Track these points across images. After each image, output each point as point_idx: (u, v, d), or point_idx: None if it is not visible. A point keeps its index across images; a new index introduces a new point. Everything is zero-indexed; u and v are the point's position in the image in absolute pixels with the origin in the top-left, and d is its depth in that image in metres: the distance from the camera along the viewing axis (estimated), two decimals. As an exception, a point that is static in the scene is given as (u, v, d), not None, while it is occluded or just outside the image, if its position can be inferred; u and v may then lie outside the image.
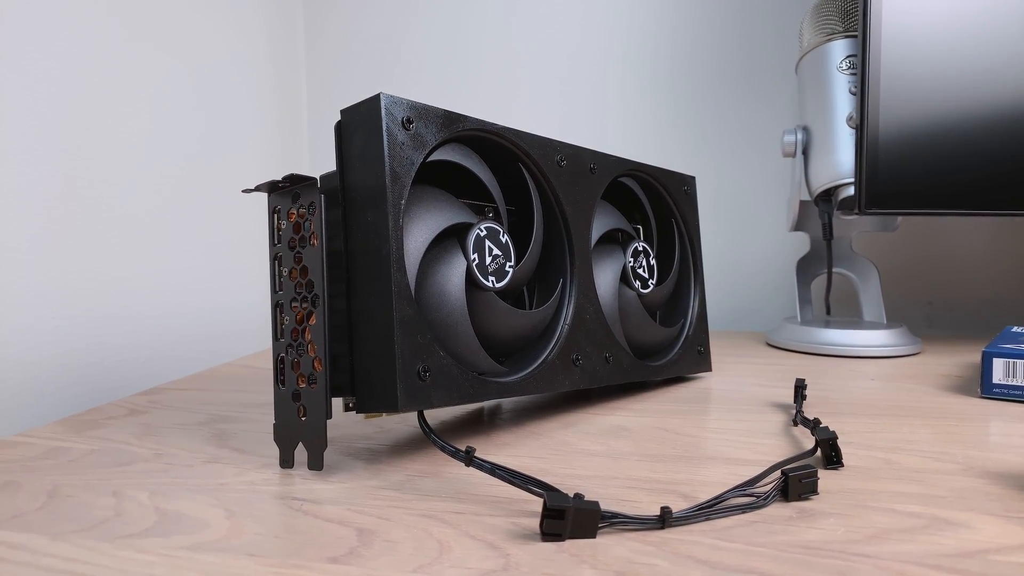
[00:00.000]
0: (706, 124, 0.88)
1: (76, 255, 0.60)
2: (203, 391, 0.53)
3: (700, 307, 0.55)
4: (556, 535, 0.27)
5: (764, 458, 0.37)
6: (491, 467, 0.30)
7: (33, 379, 0.56)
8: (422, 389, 0.33)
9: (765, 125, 0.86)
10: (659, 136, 0.89)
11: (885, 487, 0.32)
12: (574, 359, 0.42)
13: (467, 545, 0.27)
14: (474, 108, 0.94)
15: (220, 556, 0.26)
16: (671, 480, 0.33)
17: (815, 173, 0.67)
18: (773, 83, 0.85)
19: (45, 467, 0.36)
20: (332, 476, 0.34)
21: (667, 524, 0.28)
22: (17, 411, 0.55)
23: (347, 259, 0.35)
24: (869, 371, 0.59)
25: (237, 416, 0.46)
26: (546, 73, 0.92)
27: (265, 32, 0.90)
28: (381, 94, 0.34)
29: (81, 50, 0.61)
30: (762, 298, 0.88)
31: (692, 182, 0.55)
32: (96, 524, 0.29)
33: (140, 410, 0.47)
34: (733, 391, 0.52)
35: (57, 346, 0.58)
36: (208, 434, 0.42)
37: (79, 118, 0.61)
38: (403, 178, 0.34)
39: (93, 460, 0.37)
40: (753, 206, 0.87)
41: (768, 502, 0.30)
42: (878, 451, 0.38)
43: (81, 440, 0.41)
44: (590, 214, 0.45)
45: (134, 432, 0.42)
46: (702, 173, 0.88)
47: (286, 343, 0.36)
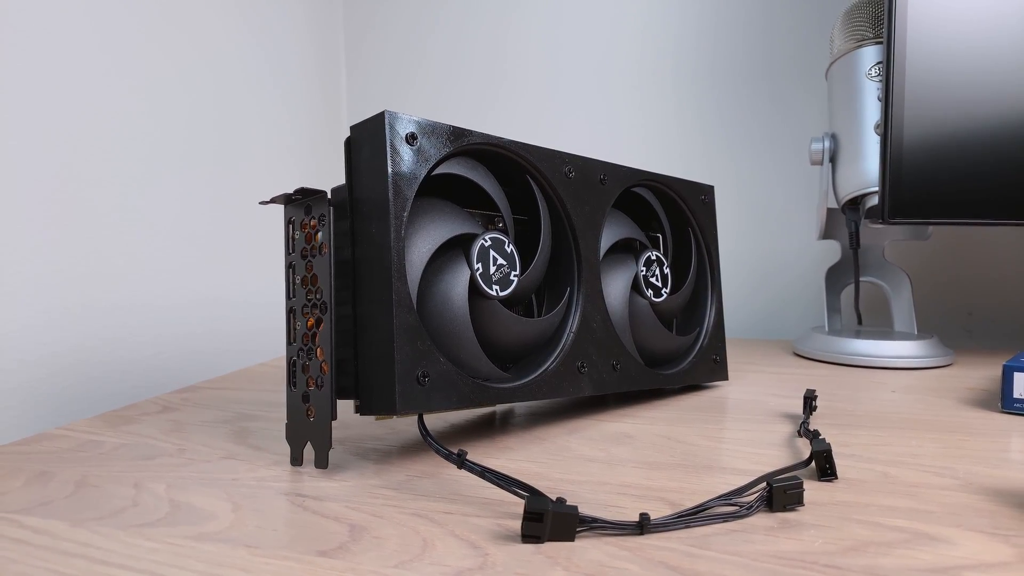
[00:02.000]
0: (735, 130, 0.87)
1: (134, 260, 0.64)
2: (234, 390, 0.56)
3: (717, 316, 0.55)
4: (535, 537, 0.28)
5: (761, 468, 0.37)
6: (481, 470, 0.31)
7: (82, 374, 0.60)
8: (421, 393, 0.35)
9: (797, 131, 0.85)
10: (686, 143, 0.89)
11: (875, 500, 0.32)
12: (579, 366, 0.43)
13: (450, 544, 0.28)
14: (502, 119, 0.96)
15: (219, 546, 0.28)
16: (662, 488, 0.34)
17: (842, 181, 0.66)
18: (804, 89, 0.84)
19: (78, 459, 0.39)
20: (337, 474, 0.36)
21: (645, 530, 0.29)
22: (69, 403, 0.58)
23: (354, 268, 0.36)
24: (893, 383, 0.58)
25: (260, 415, 0.48)
26: (576, 85, 0.93)
27: (308, 45, 0.93)
28: (386, 112, 0.35)
29: (118, 54, 0.65)
30: (791, 306, 0.87)
31: (710, 192, 0.56)
32: (114, 513, 0.31)
33: (172, 407, 0.50)
34: (746, 401, 0.52)
35: (109, 343, 0.62)
36: (230, 431, 0.44)
37: (140, 122, 0.65)
38: (406, 191, 0.35)
39: (121, 453, 0.40)
40: (784, 213, 0.87)
41: (751, 512, 0.31)
42: (878, 464, 0.37)
43: (114, 434, 0.44)
44: (599, 224, 0.46)
45: (162, 428, 0.45)
46: (731, 180, 0.88)
47: (297, 347, 0.38)
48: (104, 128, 0.63)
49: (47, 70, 0.58)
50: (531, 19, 0.94)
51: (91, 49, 0.62)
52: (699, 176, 0.88)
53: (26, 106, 0.56)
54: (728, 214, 0.88)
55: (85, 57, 0.61)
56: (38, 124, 0.57)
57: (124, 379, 0.63)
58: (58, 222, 0.59)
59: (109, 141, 0.63)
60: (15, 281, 0.55)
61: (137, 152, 0.66)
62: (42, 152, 0.57)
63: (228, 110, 0.78)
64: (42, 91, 0.58)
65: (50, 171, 0.58)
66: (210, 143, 0.75)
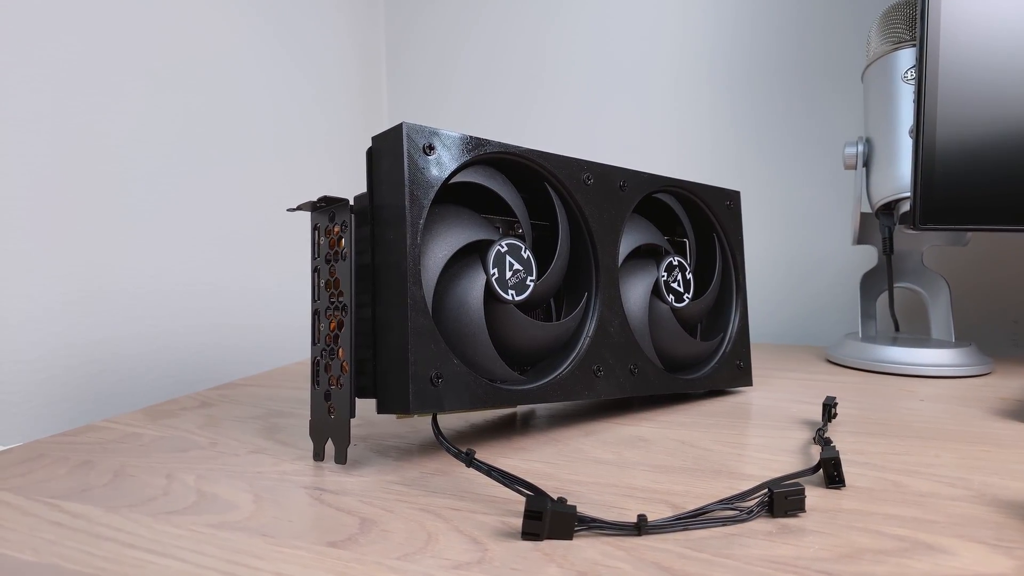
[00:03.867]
0: (769, 133, 0.87)
1: (178, 260, 0.67)
2: (269, 387, 0.58)
3: (741, 321, 0.55)
4: (534, 535, 0.29)
5: (772, 475, 0.37)
6: (488, 468, 0.33)
7: (132, 369, 0.63)
8: (434, 394, 0.36)
9: (832, 134, 0.84)
10: (719, 147, 0.89)
11: (880, 509, 0.32)
12: (595, 370, 0.44)
13: (452, 538, 0.29)
14: (540, 127, 0.97)
15: (237, 534, 0.30)
16: (667, 491, 0.35)
17: (876, 186, 0.65)
18: (839, 92, 0.83)
19: (119, 450, 0.42)
20: (356, 469, 0.38)
21: (643, 531, 0.30)
22: (116, 397, 0.62)
23: (374, 272, 0.38)
24: (924, 391, 0.57)
25: (291, 412, 0.50)
26: (610, 93, 0.93)
27: (349, 51, 0.96)
28: (404, 123, 0.37)
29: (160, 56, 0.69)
30: (826, 312, 0.86)
31: (736, 197, 0.56)
32: (146, 501, 0.34)
33: (210, 403, 0.53)
34: (768, 407, 0.52)
35: (155, 342, 0.65)
36: (261, 427, 0.46)
37: (195, 122, 0.68)
38: (422, 200, 0.37)
39: (158, 445, 0.42)
40: (818, 218, 0.86)
41: (752, 517, 0.31)
42: (890, 473, 0.37)
43: (154, 427, 0.46)
44: (618, 230, 0.46)
45: (198, 423, 0.47)
46: (764, 184, 0.87)
47: (321, 347, 0.40)
48: (160, 127, 0.66)
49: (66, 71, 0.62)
50: (568, 25, 0.95)
51: (130, 48, 0.65)
52: (732, 179, 0.87)
53: (65, 103, 0.60)
54: (761, 218, 0.87)
55: (123, 56, 0.65)
56: (85, 122, 0.61)
57: (167, 375, 0.67)
58: (107, 220, 0.62)
59: (165, 138, 0.67)
60: (70, 291, 0.59)
61: (188, 151, 0.70)
62: (94, 147, 0.61)
63: (275, 117, 0.81)
64: (85, 97, 0.61)
65: (105, 165, 0.62)
66: (260, 144, 0.79)
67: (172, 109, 0.69)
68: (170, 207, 0.68)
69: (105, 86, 0.62)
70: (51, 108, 0.58)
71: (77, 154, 0.60)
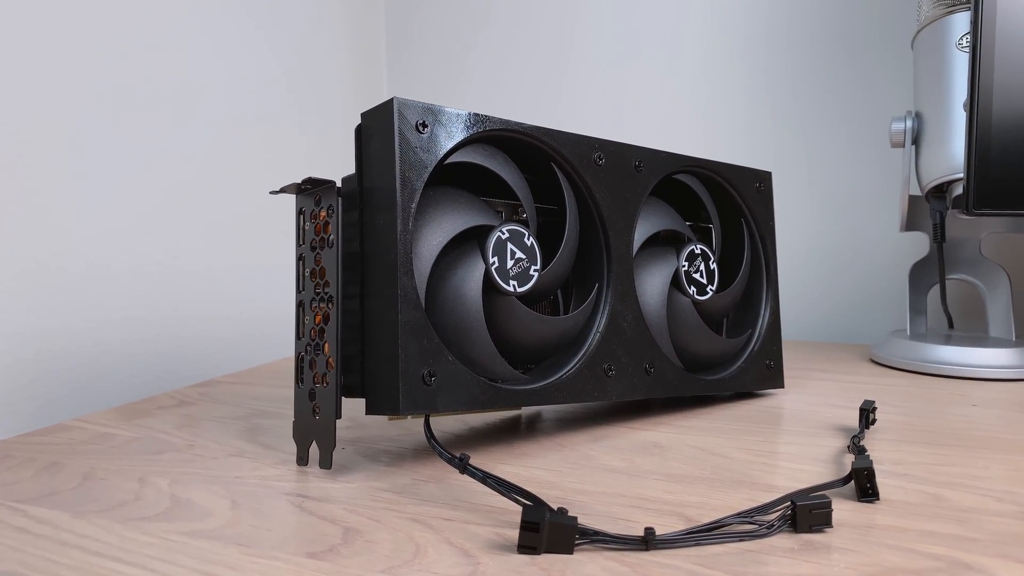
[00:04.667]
0: (809, 107, 0.86)
1: (152, 253, 0.68)
2: (253, 385, 0.59)
3: (772, 316, 0.55)
4: (531, 548, 0.30)
5: (797, 486, 0.37)
6: (483, 475, 0.33)
7: (105, 364, 0.64)
8: (426, 393, 0.36)
9: (878, 108, 0.83)
10: (753, 122, 0.88)
11: (917, 525, 0.32)
12: (606, 369, 0.44)
13: (442, 551, 0.30)
14: (559, 104, 0.96)
15: (211, 543, 0.30)
16: (682, 502, 0.35)
17: (926, 166, 0.65)
18: (887, 61, 0.82)
19: (89, 451, 0.43)
20: (342, 475, 0.38)
21: (650, 546, 0.30)
22: (89, 394, 0.63)
23: (362, 261, 0.38)
24: (977, 395, 0.57)
25: (276, 412, 0.51)
26: (639, 61, 0.93)
27: (345, 15, 0.96)
28: (395, 98, 0.37)
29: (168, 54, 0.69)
30: (871, 307, 0.86)
31: (767, 178, 0.55)
32: (116, 506, 0.34)
33: (189, 401, 0.54)
34: (801, 411, 0.52)
35: (131, 334, 0.66)
36: (242, 428, 0.47)
37: (178, 114, 0.69)
38: (414, 182, 0.37)
39: (132, 447, 0.43)
40: (863, 201, 0.85)
41: (772, 532, 0.31)
42: (931, 486, 0.37)
43: (127, 428, 0.47)
44: (633, 215, 0.46)
45: (176, 423, 0.48)
46: (803, 164, 0.86)
47: (305, 342, 0.40)
48: (122, 100, 0.67)
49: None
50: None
51: (124, 32, 0.66)
52: (767, 159, 0.87)
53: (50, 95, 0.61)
54: (797, 201, 0.87)
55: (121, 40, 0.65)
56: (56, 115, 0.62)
57: (145, 371, 0.68)
58: (80, 211, 0.63)
59: (136, 113, 0.68)
60: (37, 273, 0.60)
61: (162, 127, 0.70)
62: (57, 144, 0.62)
63: (258, 88, 0.82)
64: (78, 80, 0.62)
65: (74, 162, 0.63)
66: (243, 120, 0.79)
67: (137, 79, 0.69)
68: (144, 188, 0.69)
69: (58, 55, 0.63)
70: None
71: (31, 133, 0.61)
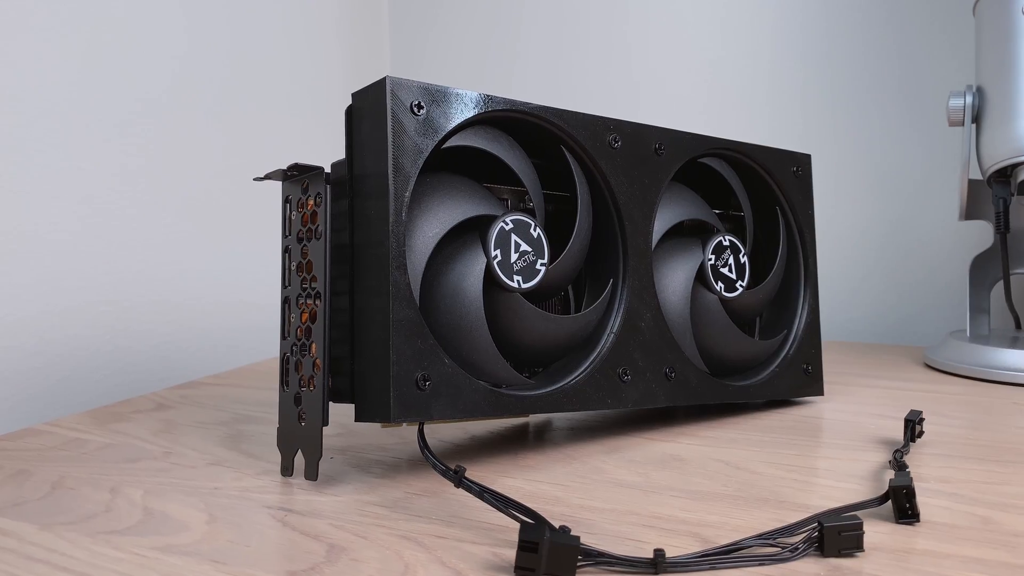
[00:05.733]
0: (856, 81, 0.86)
1: (130, 240, 0.70)
2: (238, 387, 0.61)
3: (811, 316, 0.55)
4: (530, 570, 0.30)
5: (831, 505, 0.38)
6: (479, 489, 0.34)
7: (79, 364, 0.66)
8: (420, 399, 0.37)
9: (935, 82, 0.83)
10: (790, 98, 0.88)
11: (961, 551, 0.33)
12: (621, 374, 0.45)
13: (433, 571, 0.30)
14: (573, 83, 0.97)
15: (185, 559, 0.31)
16: (700, 522, 0.36)
17: (988, 147, 0.65)
18: (945, 29, 0.82)
19: (59, 458, 0.44)
20: (329, 487, 0.39)
21: (660, 569, 0.30)
22: (64, 396, 0.65)
23: (352, 254, 0.39)
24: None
25: (261, 417, 0.52)
26: (652, 39, 0.93)
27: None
28: (388, 77, 0.38)
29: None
30: (926, 305, 0.86)
31: (806, 162, 0.56)
32: (85, 518, 0.36)
33: (168, 405, 0.55)
34: (841, 422, 0.52)
35: (107, 332, 0.68)
36: (223, 435, 0.48)
37: (157, 95, 0.71)
38: (408, 168, 0.38)
39: (105, 454, 0.45)
40: (917, 186, 0.85)
41: (797, 556, 0.32)
42: (982, 507, 0.38)
43: (101, 433, 0.49)
44: (653, 203, 0.47)
45: (153, 428, 0.50)
46: (849, 145, 0.86)
47: (291, 342, 0.41)
48: (101, 95, 0.69)
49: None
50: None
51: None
52: (807, 140, 0.87)
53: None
54: (842, 187, 0.87)
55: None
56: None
57: (123, 372, 0.70)
58: (52, 200, 0.65)
59: (107, 111, 0.69)
60: (10, 272, 0.62)
61: (142, 125, 0.72)
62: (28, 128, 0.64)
63: (246, 62, 0.83)
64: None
65: (54, 162, 0.64)
66: (230, 99, 0.81)
67: (114, 53, 0.71)
68: (120, 175, 0.70)
69: (32, 27, 0.64)
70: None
71: (17, 108, 0.62)
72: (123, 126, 0.70)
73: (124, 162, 0.70)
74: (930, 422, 0.51)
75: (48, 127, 0.64)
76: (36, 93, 0.63)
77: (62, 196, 0.65)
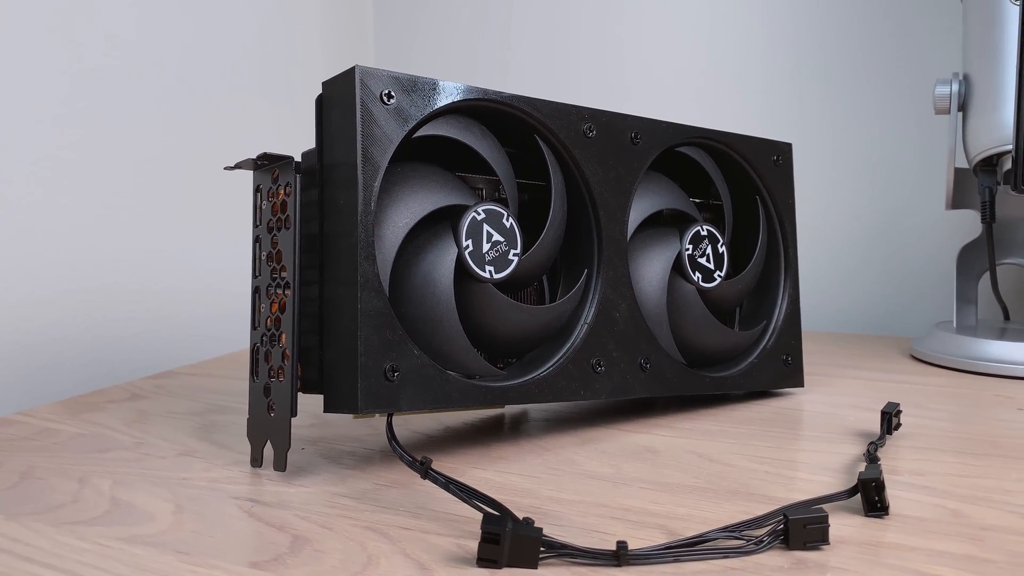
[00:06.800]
0: (843, 69, 0.86)
1: (103, 225, 0.70)
2: (214, 377, 0.61)
3: (791, 307, 0.56)
4: (492, 561, 0.31)
5: (801, 498, 0.38)
6: (445, 481, 0.34)
7: (54, 353, 0.66)
8: (388, 390, 0.38)
9: (923, 70, 0.83)
10: (775, 84, 0.88)
11: (929, 544, 0.33)
12: (594, 365, 0.45)
13: (396, 563, 0.31)
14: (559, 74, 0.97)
15: (149, 550, 0.32)
16: (668, 514, 0.36)
17: (974, 135, 0.65)
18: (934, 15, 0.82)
19: (30, 448, 0.44)
20: (298, 478, 0.40)
21: (623, 561, 0.31)
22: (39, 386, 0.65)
23: (322, 244, 0.40)
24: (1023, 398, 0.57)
25: (235, 407, 0.53)
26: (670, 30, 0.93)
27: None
28: (357, 66, 0.38)
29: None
30: (912, 295, 0.86)
31: (787, 151, 0.56)
32: (52, 508, 0.36)
33: (142, 395, 0.56)
34: (821, 414, 0.53)
35: (82, 321, 0.68)
36: (196, 425, 0.49)
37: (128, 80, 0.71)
38: (377, 158, 0.38)
39: (76, 445, 0.45)
40: (903, 175, 0.85)
41: (761, 548, 0.32)
42: (953, 500, 0.38)
43: (73, 423, 0.49)
44: (628, 192, 0.47)
45: (125, 418, 0.50)
46: (834, 132, 0.87)
47: (261, 332, 0.42)
48: (69, 81, 0.69)
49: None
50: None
51: None
52: (792, 128, 0.87)
53: None
54: (826, 175, 0.87)
55: None
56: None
57: (97, 361, 0.70)
58: (21, 187, 0.65)
59: (78, 97, 0.69)
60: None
61: (115, 111, 0.72)
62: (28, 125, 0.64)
63: (226, 47, 0.83)
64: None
65: (29, 150, 0.64)
66: (197, 95, 0.81)
67: (84, 37, 0.71)
68: (91, 162, 0.71)
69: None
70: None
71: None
72: (99, 113, 0.70)
73: (101, 150, 0.70)
74: (911, 414, 0.52)
75: (20, 113, 0.64)
76: (8, 82, 0.63)
77: (37, 184, 0.65)
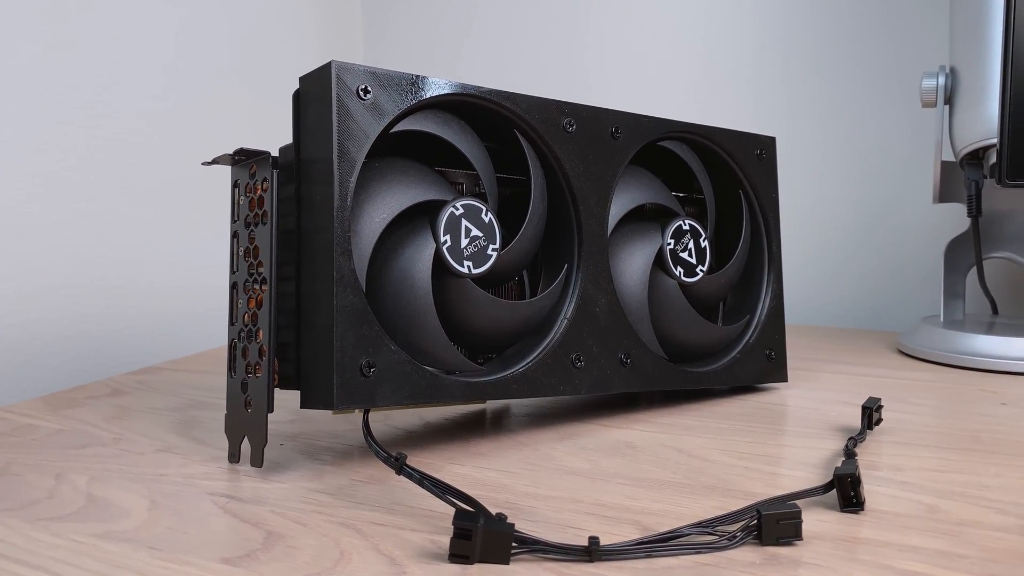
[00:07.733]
0: (831, 62, 0.86)
1: (85, 221, 0.70)
2: (196, 373, 0.61)
3: (774, 301, 0.56)
4: (464, 557, 0.31)
5: (778, 493, 0.38)
6: (419, 477, 0.35)
7: (35, 349, 0.67)
8: (365, 385, 0.38)
9: (911, 62, 0.83)
10: (763, 78, 0.89)
11: (903, 539, 0.34)
12: (574, 360, 0.46)
13: (368, 559, 0.31)
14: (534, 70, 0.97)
15: (122, 546, 0.32)
16: (642, 509, 0.36)
17: (960, 128, 0.65)
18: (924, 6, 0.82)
19: (7, 444, 0.45)
20: (276, 474, 0.40)
21: (595, 557, 0.31)
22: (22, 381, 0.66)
23: (299, 240, 0.40)
24: (1011, 392, 0.58)
25: (216, 403, 0.53)
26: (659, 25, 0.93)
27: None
28: (333, 62, 0.38)
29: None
30: (899, 289, 0.86)
31: (770, 145, 0.56)
32: (27, 505, 0.36)
33: (123, 390, 0.56)
34: (803, 409, 0.53)
35: (63, 316, 0.68)
36: (176, 421, 0.49)
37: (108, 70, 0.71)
38: (353, 153, 0.38)
39: (54, 441, 0.45)
40: (890, 168, 0.86)
41: (734, 544, 0.33)
42: (928, 495, 0.38)
43: (53, 419, 0.49)
44: (608, 187, 0.48)
45: (105, 414, 0.50)
46: (822, 126, 0.87)
47: (239, 328, 0.42)
48: (47, 69, 0.69)
49: None
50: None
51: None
52: (780, 121, 0.87)
53: None
54: (812, 169, 0.88)
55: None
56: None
57: (79, 357, 0.70)
58: (11, 193, 0.65)
59: (56, 87, 0.69)
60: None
61: (95, 102, 0.72)
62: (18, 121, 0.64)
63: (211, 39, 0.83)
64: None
65: (13, 144, 0.64)
66: (179, 90, 0.81)
67: (57, 25, 0.71)
68: (71, 155, 0.71)
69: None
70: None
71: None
72: (83, 108, 0.70)
73: (83, 145, 0.70)
74: (894, 409, 0.52)
75: (6, 109, 0.64)
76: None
77: (20, 179, 0.65)
